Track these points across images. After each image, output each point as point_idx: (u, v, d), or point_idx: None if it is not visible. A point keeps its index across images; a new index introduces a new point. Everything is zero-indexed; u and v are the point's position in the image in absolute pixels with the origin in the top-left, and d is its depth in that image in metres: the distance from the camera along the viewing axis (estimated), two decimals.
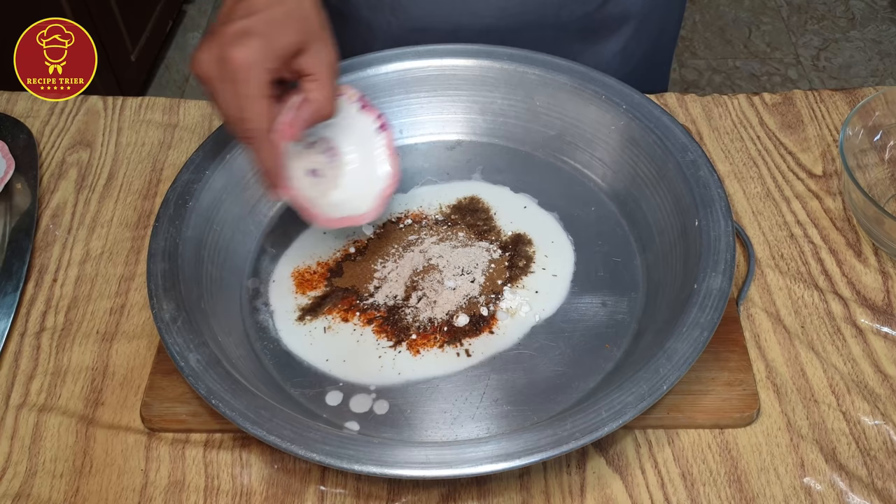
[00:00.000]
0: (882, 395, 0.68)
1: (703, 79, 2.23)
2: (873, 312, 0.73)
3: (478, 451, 0.57)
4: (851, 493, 0.62)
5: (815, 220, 0.80)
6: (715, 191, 0.71)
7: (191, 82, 2.23)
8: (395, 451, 0.58)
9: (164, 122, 0.92)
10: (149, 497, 0.63)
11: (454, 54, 0.84)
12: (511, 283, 0.74)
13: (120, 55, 1.99)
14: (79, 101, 0.94)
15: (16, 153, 0.84)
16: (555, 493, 0.63)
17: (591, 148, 0.82)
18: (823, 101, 0.91)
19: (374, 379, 0.68)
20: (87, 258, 0.79)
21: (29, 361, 0.72)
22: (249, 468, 0.65)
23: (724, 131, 0.88)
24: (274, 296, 0.74)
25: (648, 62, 1.01)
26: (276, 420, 0.59)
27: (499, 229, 0.79)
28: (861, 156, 0.80)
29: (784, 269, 0.76)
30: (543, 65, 0.82)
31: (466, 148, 0.85)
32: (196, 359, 0.63)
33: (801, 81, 2.21)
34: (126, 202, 0.84)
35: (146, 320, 0.74)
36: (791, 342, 0.71)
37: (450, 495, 0.63)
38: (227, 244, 0.76)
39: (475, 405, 0.66)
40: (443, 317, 0.72)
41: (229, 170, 0.77)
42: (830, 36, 2.33)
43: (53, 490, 0.64)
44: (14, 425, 0.68)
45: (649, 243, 0.75)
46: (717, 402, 0.66)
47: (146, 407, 0.67)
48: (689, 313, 0.64)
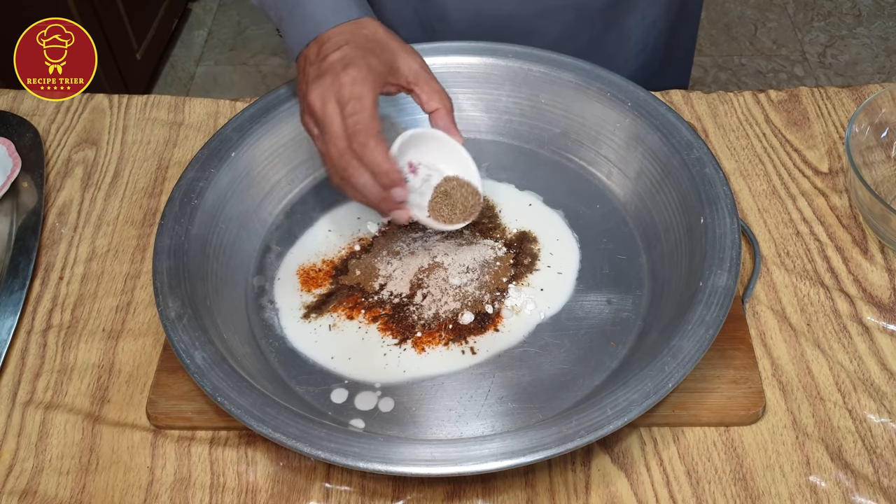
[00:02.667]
0: (888, 393, 0.67)
1: (709, 76, 2.22)
2: (879, 310, 0.73)
3: (483, 449, 0.57)
4: (857, 492, 0.62)
5: (821, 218, 0.80)
6: (720, 188, 0.71)
7: (196, 80, 2.23)
8: (401, 448, 0.58)
9: (170, 120, 0.92)
10: (155, 494, 0.64)
11: (459, 52, 0.84)
12: (516, 280, 0.74)
13: (125, 53, 1.99)
14: (84, 99, 0.94)
15: (22, 152, 0.85)
16: (560, 490, 0.63)
17: (597, 145, 0.82)
18: (829, 98, 0.90)
19: (379, 376, 0.68)
20: (93, 256, 0.80)
21: (35, 359, 0.72)
22: (255, 465, 0.65)
23: (729, 128, 0.88)
24: (279, 293, 0.75)
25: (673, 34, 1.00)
26: (282, 417, 0.59)
27: (504, 227, 0.78)
28: (867, 153, 0.80)
29: (790, 266, 0.76)
30: (549, 62, 0.82)
31: (471, 145, 0.85)
32: (202, 356, 0.63)
33: (807, 78, 2.20)
34: (132, 200, 0.84)
35: (152, 318, 0.74)
36: (797, 340, 0.71)
37: (455, 492, 0.63)
38: (232, 242, 0.76)
39: (480, 403, 0.67)
40: (448, 314, 0.72)
41: (235, 168, 0.77)
42: (837, 33, 2.33)
43: (60, 487, 0.64)
44: (21, 423, 0.68)
45: (655, 241, 0.75)
46: (722, 400, 0.66)
47: (152, 404, 0.67)
48: (695, 311, 0.63)
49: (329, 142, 0.67)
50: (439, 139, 0.72)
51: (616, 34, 0.95)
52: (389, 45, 0.70)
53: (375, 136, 0.66)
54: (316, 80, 0.67)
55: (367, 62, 0.67)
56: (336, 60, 0.67)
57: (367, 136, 0.65)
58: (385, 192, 0.68)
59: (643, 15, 0.95)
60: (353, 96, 0.66)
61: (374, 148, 0.66)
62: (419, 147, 0.72)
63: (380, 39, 0.70)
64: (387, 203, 0.68)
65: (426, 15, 0.94)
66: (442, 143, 0.73)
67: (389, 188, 0.67)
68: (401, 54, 0.71)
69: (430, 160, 0.73)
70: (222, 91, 2.19)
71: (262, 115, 0.79)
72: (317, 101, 0.67)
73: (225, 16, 2.43)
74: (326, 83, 0.67)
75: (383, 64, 0.69)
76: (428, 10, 0.93)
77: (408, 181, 0.71)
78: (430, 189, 0.73)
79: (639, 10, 0.94)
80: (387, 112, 0.83)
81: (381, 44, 0.70)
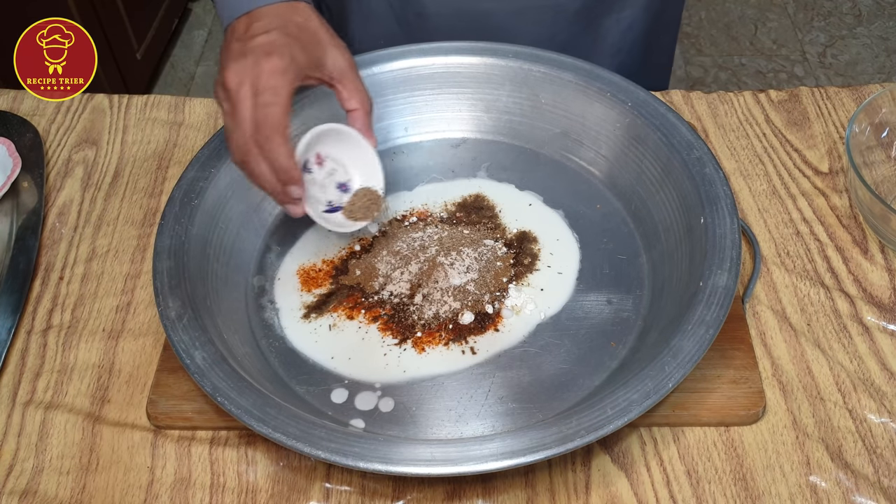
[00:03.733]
0: (888, 393, 0.67)
1: (709, 76, 2.22)
2: (880, 310, 0.73)
3: (483, 449, 0.57)
4: (857, 492, 0.62)
5: (822, 218, 0.80)
6: (720, 188, 0.71)
7: (196, 80, 2.23)
8: (401, 448, 0.58)
9: (170, 120, 0.92)
10: (155, 494, 0.64)
11: (459, 52, 0.84)
12: (516, 280, 0.74)
13: (126, 53, 1.99)
14: (84, 99, 0.94)
15: (22, 152, 0.85)
16: (560, 490, 0.63)
17: (597, 145, 0.82)
18: (830, 98, 0.90)
19: (379, 376, 0.68)
20: (93, 256, 0.80)
21: (35, 359, 0.72)
22: (255, 465, 0.65)
23: (729, 128, 0.88)
24: (279, 293, 0.75)
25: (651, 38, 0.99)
26: (282, 417, 0.59)
27: (504, 227, 0.78)
28: (867, 153, 0.80)
29: (790, 266, 0.76)
30: (549, 62, 0.82)
31: (471, 145, 0.85)
32: (202, 356, 0.63)
33: (807, 78, 2.20)
34: (132, 200, 0.84)
35: (152, 318, 0.74)
36: (797, 340, 0.71)
37: (455, 492, 0.63)
38: (232, 242, 0.76)
39: (480, 403, 0.67)
40: (448, 314, 0.72)
41: (235, 168, 0.77)
42: (837, 32, 2.33)
43: (60, 487, 0.64)
44: (21, 423, 0.68)
45: (655, 241, 0.75)
46: (722, 400, 0.66)
47: (152, 404, 0.67)
48: (695, 311, 0.63)
49: (236, 124, 0.66)
50: (353, 139, 0.73)
51: (592, 35, 0.95)
52: (319, 38, 0.69)
53: (281, 133, 0.65)
54: (238, 57, 0.66)
55: (291, 53, 0.66)
56: (261, 44, 0.66)
57: (273, 131, 0.65)
58: (281, 185, 0.68)
59: (618, 17, 0.95)
60: (268, 86, 0.65)
61: (278, 145, 0.65)
62: (331, 141, 0.73)
63: (311, 29, 0.69)
64: (280, 196, 0.69)
65: (402, 9, 0.93)
66: (355, 143, 0.73)
67: (286, 184, 0.67)
68: (329, 48, 0.70)
69: (338, 156, 0.74)
70: None
71: None
72: (233, 79, 0.66)
73: None
74: (247, 65, 0.66)
75: (308, 56, 0.68)
76: (405, 4, 0.93)
77: (311, 172, 0.73)
78: (332, 183, 0.74)
79: (613, 12, 0.94)
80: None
81: (311, 34, 0.69)
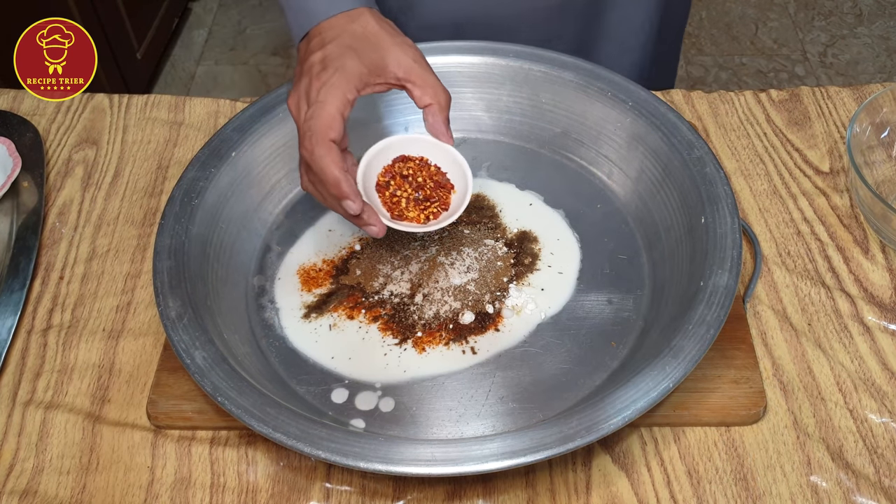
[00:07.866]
0: (889, 393, 0.67)
1: (710, 75, 2.22)
2: (881, 310, 0.73)
3: (483, 449, 0.57)
4: (858, 492, 0.62)
5: (823, 218, 0.80)
6: (721, 188, 0.71)
7: (196, 80, 2.23)
8: (401, 448, 0.58)
9: (170, 120, 0.92)
10: (155, 494, 0.64)
11: (460, 51, 0.84)
12: (517, 280, 0.74)
13: (126, 53, 1.99)
14: (85, 98, 0.94)
15: (22, 151, 0.85)
16: (560, 490, 0.63)
17: (597, 145, 0.82)
18: (830, 97, 0.90)
19: (379, 376, 0.68)
20: (93, 256, 0.79)
21: (36, 359, 0.72)
22: (255, 465, 0.65)
23: (730, 128, 0.88)
24: (279, 293, 0.75)
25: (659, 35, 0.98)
26: (282, 417, 0.59)
27: (504, 226, 0.78)
28: (868, 152, 0.80)
29: (791, 266, 0.76)
30: (549, 62, 0.82)
31: (472, 145, 0.85)
32: (202, 356, 0.63)
33: (808, 78, 2.20)
34: (132, 200, 0.84)
35: (152, 318, 0.74)
36: (798, 340, 0.71)
37: (455, 492, 0.63)
38: (232, 242, 0.76)
39: (481, 403, 0.66)
40: (448, 314, 0.71)
41: (235, 167, 0.77)
42: (838, 32, 2.32)
43: (60, 487, 0.64)
44: (21, 422, 0.68)
45: (655, 241, 0.75)
46: (723, 400, 0.66)
47: (152, 404, 0.67)
48: (696, 311, 0.63)
49: (299, 145, 0.66)
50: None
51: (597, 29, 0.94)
52: (379, 41, 0.67)
53: (323, 144, 0.63)
54: (297, 80, 0.67)
55: (343, 64, 0.65)
56: (315, 62, 0.66)
57: (314, 142, 0.63)
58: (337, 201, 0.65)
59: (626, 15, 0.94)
60: (315, 100, 0.64)
61: (322, 156, 0.63)
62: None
63: (369, 35, 0.67)
64: (347, 214, 0.65)
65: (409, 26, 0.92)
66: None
67: (340, 199, 0.64)
68: (391, 49, 0.67)
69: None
70: (222, 91, 2.19)
71: (262, 115, 0.79)
72: (292, 101, 0.67)
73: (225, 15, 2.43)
74: (302, 86, 0.66)
75: (366, 63, 0.66)
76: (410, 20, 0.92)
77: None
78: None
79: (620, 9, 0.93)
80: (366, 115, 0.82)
81: (369, 40, 0.67)
